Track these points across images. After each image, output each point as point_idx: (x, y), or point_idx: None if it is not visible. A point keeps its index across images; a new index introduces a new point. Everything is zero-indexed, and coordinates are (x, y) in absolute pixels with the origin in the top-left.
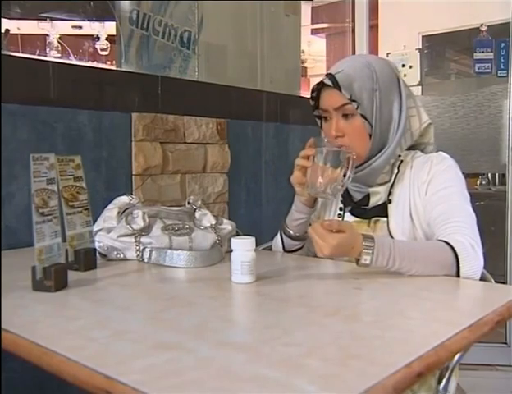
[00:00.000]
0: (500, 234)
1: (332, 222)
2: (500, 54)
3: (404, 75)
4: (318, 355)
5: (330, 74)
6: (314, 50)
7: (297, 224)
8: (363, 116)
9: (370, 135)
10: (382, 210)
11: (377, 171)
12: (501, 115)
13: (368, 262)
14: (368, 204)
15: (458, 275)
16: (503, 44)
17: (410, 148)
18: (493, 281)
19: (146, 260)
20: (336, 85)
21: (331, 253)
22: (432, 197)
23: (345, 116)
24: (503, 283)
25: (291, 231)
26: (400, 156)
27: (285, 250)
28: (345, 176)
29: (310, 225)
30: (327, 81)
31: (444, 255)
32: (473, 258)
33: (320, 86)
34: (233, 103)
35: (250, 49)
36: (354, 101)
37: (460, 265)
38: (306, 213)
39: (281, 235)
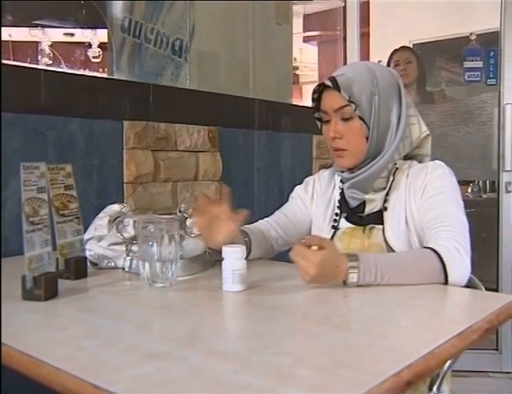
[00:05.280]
0: (490, 241)
1: (313, 237)
2: (489, 63)
3: None
4: (308, 364)
5: (331, 77)
6: (306, 58)
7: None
8: (362, 119)
9: (367, 139)
10: (378, 217)
11: (374, 176)
12: (491, 123)
13: (355, 280)
14: (363, 212)
15: (446, 281)
16: (492, 53)
17: (407, 158)
18: (483, 288)
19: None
20: (336, 86)
21: (317, 272)
22: (425, 202)
23: (344, 119)
24: (494, 290)
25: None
26: (395, 164)
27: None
28: None
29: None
30: (328, 82)
31: (430, 264)
32: (459, 264)
33: (321, 88)
34: (224, 110)
35: (242, 57)
36: (352, 102)
37: (448, 272)
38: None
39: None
